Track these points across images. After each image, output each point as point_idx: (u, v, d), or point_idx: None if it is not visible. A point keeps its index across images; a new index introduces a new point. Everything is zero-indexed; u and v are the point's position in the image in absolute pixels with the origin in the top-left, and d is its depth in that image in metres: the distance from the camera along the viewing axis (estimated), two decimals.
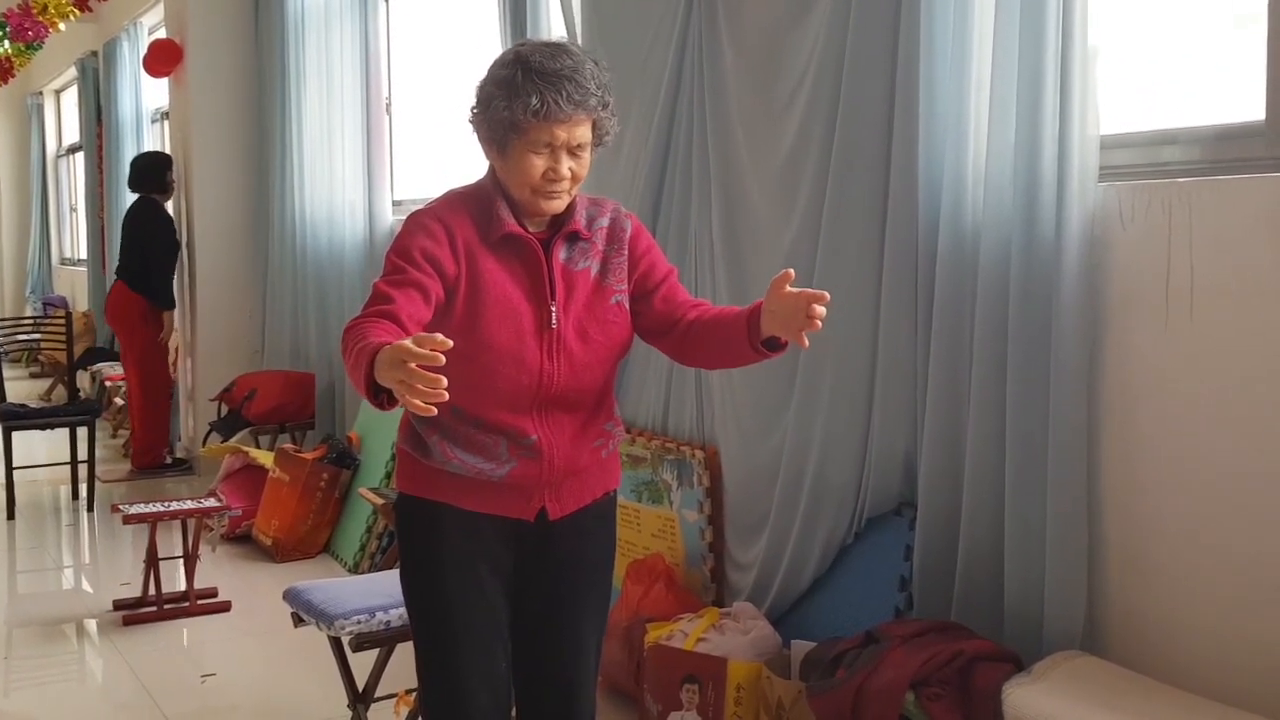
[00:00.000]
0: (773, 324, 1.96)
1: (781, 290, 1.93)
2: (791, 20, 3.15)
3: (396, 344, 1.70)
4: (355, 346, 1.84)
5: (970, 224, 2.68)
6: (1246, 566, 2.27)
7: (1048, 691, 2.27)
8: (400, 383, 1.68)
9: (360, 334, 1.87)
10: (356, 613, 2.92)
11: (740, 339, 2.03)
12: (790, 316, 1.92)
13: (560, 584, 2.22)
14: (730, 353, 2.09)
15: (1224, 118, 2.45)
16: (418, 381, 1.66)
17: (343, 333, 1.95)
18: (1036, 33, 2.45)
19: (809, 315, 1.89)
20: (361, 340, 1.85)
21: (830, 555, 3.08)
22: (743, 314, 2.05)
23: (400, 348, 1.68)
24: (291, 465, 5.18)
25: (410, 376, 1.67)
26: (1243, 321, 2.25)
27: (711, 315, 2.13)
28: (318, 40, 6.05)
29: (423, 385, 1.66)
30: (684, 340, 2.15)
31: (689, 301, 2.20)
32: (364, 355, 1.79)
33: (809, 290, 1.91)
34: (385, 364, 1.71)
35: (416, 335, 1.72)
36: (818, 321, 1.89)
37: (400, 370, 1.68)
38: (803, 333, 1.92)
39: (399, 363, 1.68)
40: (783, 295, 1.93)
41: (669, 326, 2.17)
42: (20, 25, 8.39)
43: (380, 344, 1.78)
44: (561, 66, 2.00)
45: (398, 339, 1.83)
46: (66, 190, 12.50)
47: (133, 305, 6.69)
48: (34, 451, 6.77)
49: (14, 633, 4.34)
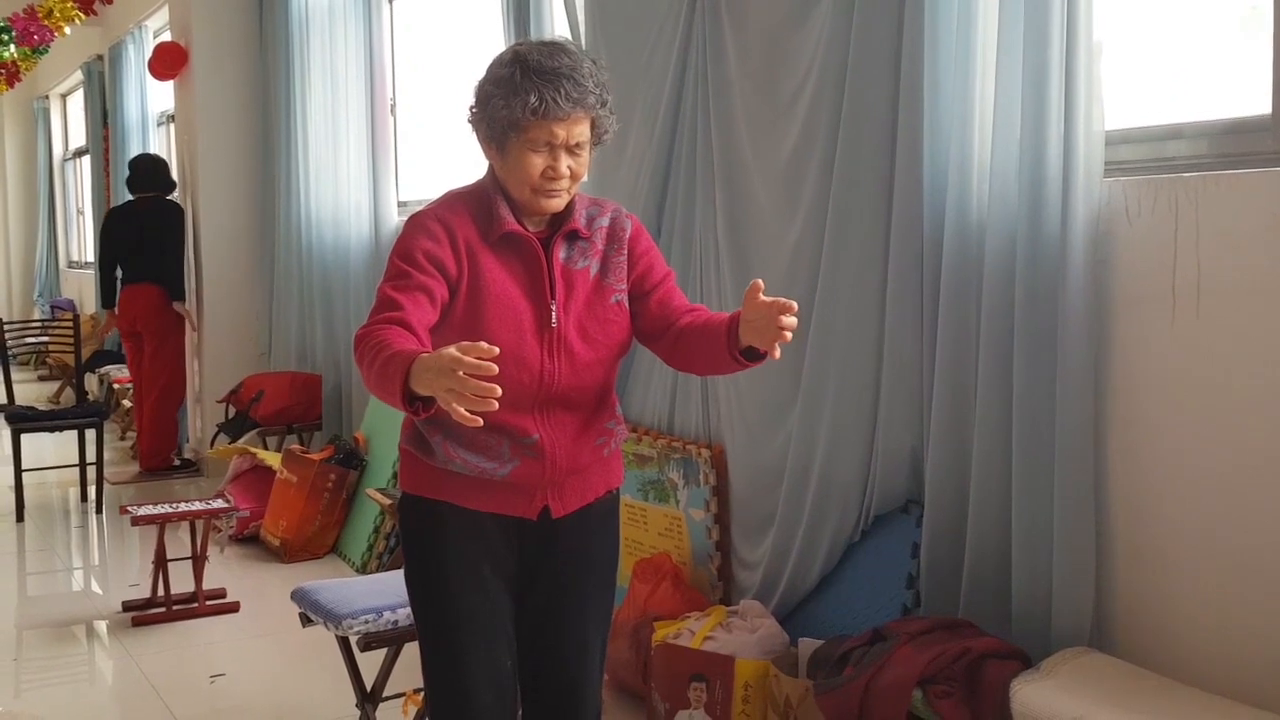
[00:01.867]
0: (749, 333, 1.95)
1: (755, 300, 1.92)
2: (795, 19, 3.14)
3: (442, 352, 1.71)
4: (380, 355, 1.85)
5: (975, 221, 2.68)
6: (1254, 561, 2.26)
7: (1056, 688, 2.27)
8: (450, 391, 1.69)
9: (380, 342, 1.88)
10: (364, 612, 2.93)
11: (721, 348, 2.02)
12: (763, 327, 1.92)
13: (564, 582, 2.22)
14: (714, 361, 2.08)
15: (1230, 112, 2.44)
16: (470, 390, 1.67)
17: (354, 340, 1.96)
18: (1041, 28, 2.44)
19: (778, 326, 1.89)
20: (385, 349, 1.85)
21: (837, 553, 3.08)
22: (724, 322, 2.04)
23: (449, 356, 1.69)
24: (299, 466, 5.19)
25: (462, 385, 1.67)
26: (1249, 316, 2.25)
27: (700, 322, 2.12)
28: (322, 41, 6.06)
29: (475, 394, 1.67)
30: (675, 345, 2.15)
31: (684, 306, 2.19)
32: (396, 363, 1.80)
33: (779, 300, 1.90)
34: (431, 372, 1.72)
35: (461, 344, 1.72)
36: (787, 333, 1.89)
37: (449, 379, 1.68)
38: (775, 343, 1.91)
39: (447, 371, 1.69)
40: (756, 305, 1.92)
41: (663, 330, 2.16)
42: (26, 30, 8.43)
43: (411, 351, 1.79)
44: (559, 65, 2.00)
45: (419, 346, 1.85)
46: (73, 194, 12.53)
47: (168, 306, 6.71)
48: (43, 454, 6.79)
49: (24, 634, 4.36)
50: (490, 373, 1.68)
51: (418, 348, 1.85)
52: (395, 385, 1.79)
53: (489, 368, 1.68)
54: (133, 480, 6.78)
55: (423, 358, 1.75)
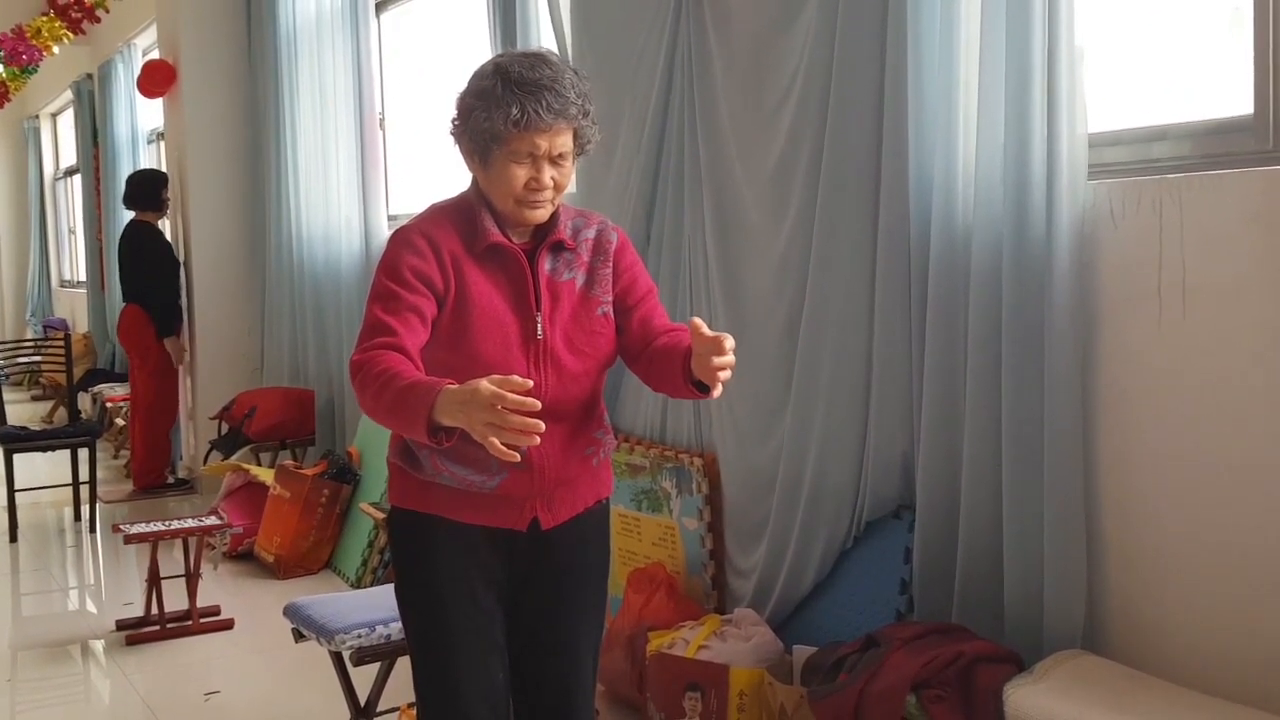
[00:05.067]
0: (697, 366, 1.95)
1: (698, 334, 1.91)
2: (780, 25, 3.15)
3: (478, 386, 1.74)
4: (393, 385, 1.87)
5: (961, 225, 2.69)
6: (1244, 560, 2.26)
7: (1049, 691, 2.27)
8: (489, 425, 1.71)
9: (387, 371, 1.89)
10: (356, 627, 2.92)
11: (678, 377, 2.02)
12: (705, 363, 1.92)
13: (555, 593, 2.22)
14: (676, 388, 2.06)
15: (1213, 113, 2.45)
16: (514, 425, 1.70)
17: (351, 366, 1.97)
18: (1023, 33, 2.45)
19: (711, 367, 1.89)
20: (397, 378, 1.87)
21: (830, 559, 3.08)
22: (683, 352, 2.03)
23: (490, 391, 1.72)
24: (292, 482, 5.18)
25: (503, 420, 1.70)
26: (1235, 316, 2.25)
27: (669, 345, 2.11)
28: (310, 57, 6.07)
29: (519, 429, 1.70)
30: (649, 366, 2.13)
31: (664, 326, 2.17)
32: (417, 394, 1.82)
33: (715, 337, 1.89)
34: (463, 405, 1.75)
35: (493, 377, 1.76)
36: (718, 375, 1.89)
37: (489, 413, 1.71)
38: (714, 383, 1.91)
39: (486, 405, 1.72)
40: (702, 339, 1.91)
41: (642, 350, 2.15)
42: (14, 49, 8.43)
43: (432, 382, 1.83)
44: (541, 76, 2.01)
45: (414, 372, 1.88)
46: (65, 213, 12.53)
47: (146, 326, 6.70)
48: (36, 473, 6.77)
49: (19, 655, 4.34)
50: (533, 408, 1.72)
51: (434, 378, 1.87)
52: (418, 416, 1.81)
53: (532, 404, 1.72)
54: (126, 499, 6.76)
55: (450, 390, 1.79)
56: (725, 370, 1.90)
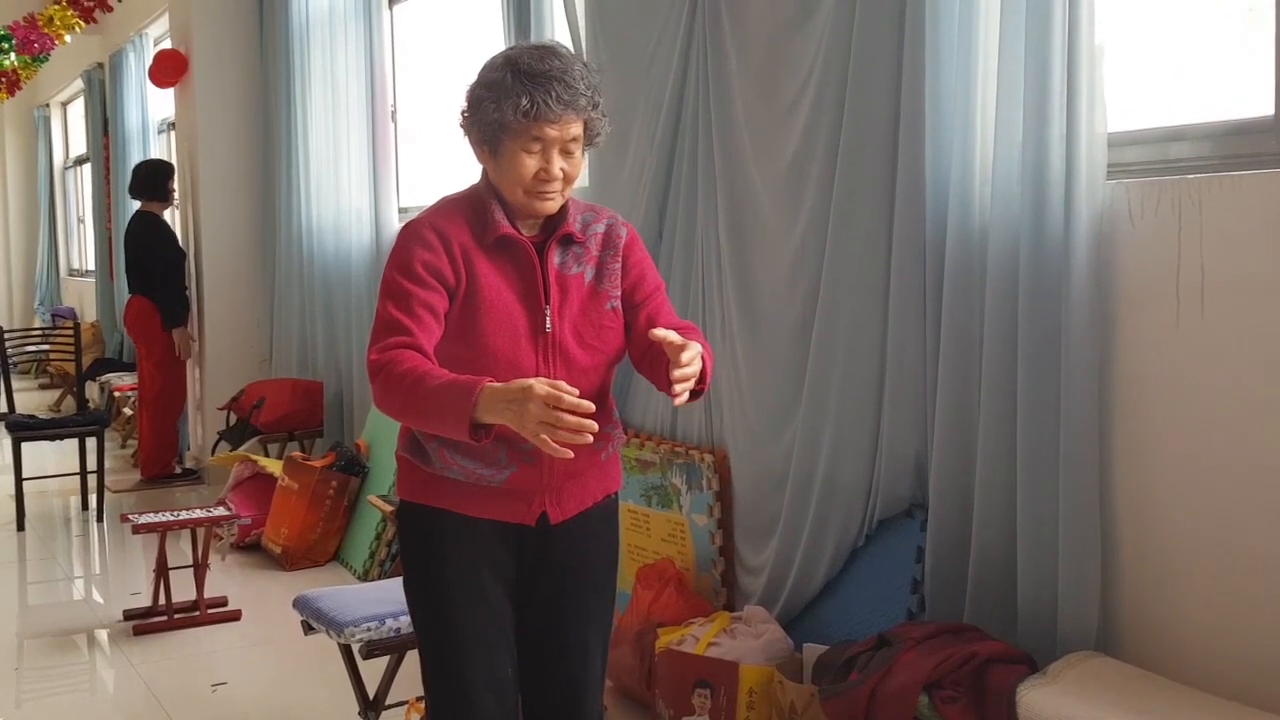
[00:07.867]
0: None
1: (668, 344, 1.93)
2: (796, 21, 3.14)
3: (530, 386, 1.79)
4: (425, 384, 1.90)
5: (978, 223, 2.67)
6: (1260, 563, 2.25)
7: (1062, 693, 2.26)
8: (545, 425, 1.77)
9: (415, 371, 1.92)
10: (366, 620, 2.92)
11: (663, 383, 2.02)
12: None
13: (563, 587, 2.21)
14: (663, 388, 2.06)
15: (1233, 114, 2.43)
16: (569, 426, 1.77)
17: (370, 366, 1.98)
18: (1042, 30, 2.43)
19: (672, 379, 1.91)
20: (428, 377, 1.90)
21: (841, 558, 3.07)
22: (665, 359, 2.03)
23: (544, 392, 1.78)
24: (300, 473, 5.18)
25: (559, 421, 1.77)
26: (1254, 318, 2.24)
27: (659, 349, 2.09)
28: (322, 48, 6.06)
29: (573, 429, 1.77)
30: (652, 369, 2.12)
31: (671, 325, 2.13)
32: (455, 392, 1.86)
33: (679, 348, 1.91)
34: (510, 403, 1.80)
35: (540, 379, 1.81)
36: (675, 389, 1.91)
37: (545, 412, 1.77)
38: (676, 393, 1.92)
39: (541, 406, 1.77)
40: (671, 347, 1.92)
41: (645, 350, 2.13)
42: (26, 38, 8.44)
43: (471, 380, 1.86)
44: (550, 68, 2.01)
45: (443, 371, 1.92)
46: (74, 202, 12.53)
47: (152, 317, 6.71)
48: (43, 462, 6.79)
49: (25, 644, 4.34)
50: (588, 410, 1.76)
51: (470, 376, 1.90)
52: (461, 414, 1.84)
53: (587, 405, 1.77)
54: (134, 488, 6.76)
55: (494, 388, 1.83)
56: (682, 383, 1.91)
